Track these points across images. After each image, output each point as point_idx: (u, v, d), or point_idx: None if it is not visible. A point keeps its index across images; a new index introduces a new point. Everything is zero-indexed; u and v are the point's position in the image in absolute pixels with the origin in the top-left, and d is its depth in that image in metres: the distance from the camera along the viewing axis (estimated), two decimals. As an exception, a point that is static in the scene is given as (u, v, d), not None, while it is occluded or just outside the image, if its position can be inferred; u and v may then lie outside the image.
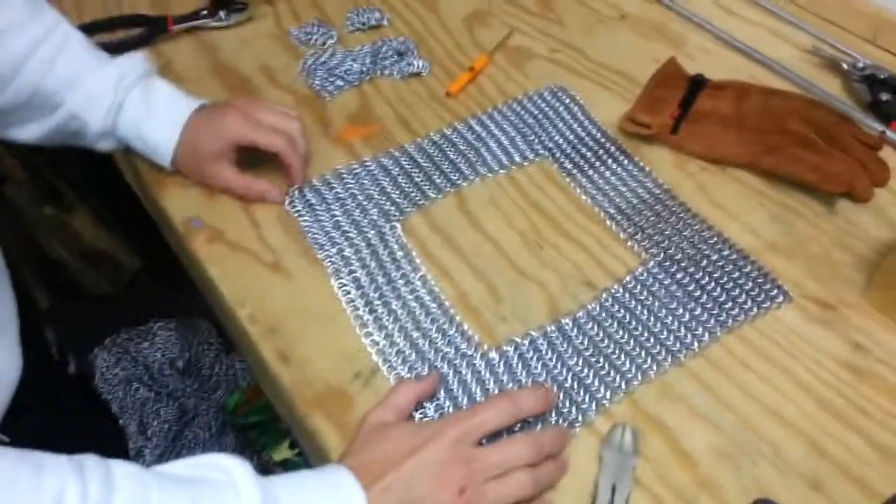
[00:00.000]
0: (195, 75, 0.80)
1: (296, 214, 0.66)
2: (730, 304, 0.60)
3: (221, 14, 0.86)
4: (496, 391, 0.55)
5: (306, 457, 1.00)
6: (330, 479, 0.45)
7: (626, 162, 0.72)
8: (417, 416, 0.53)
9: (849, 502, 0.50)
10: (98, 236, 1.41)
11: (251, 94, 0.78)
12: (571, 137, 0.74)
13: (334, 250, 0.63)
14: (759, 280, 0.62)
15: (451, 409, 0.53)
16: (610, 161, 0.72)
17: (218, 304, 0.64)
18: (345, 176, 0.69)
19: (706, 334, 0.58)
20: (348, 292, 0.60)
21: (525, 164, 0.72)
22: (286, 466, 0.99)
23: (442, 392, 0.54)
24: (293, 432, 0.61)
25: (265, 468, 1.07)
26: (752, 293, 0.61)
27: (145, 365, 1.37)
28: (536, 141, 0.74)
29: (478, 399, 0.54)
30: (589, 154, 0.72)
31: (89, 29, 0.84)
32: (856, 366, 0.57)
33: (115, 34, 0.84)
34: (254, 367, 0.64)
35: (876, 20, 0.84)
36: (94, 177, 1.24)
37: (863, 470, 0.51)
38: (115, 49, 0.77)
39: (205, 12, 0.86)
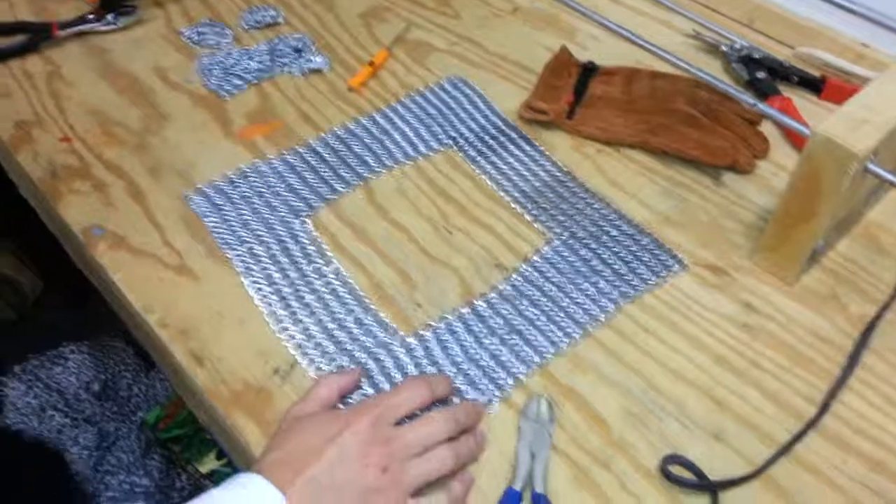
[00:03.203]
0: (85, 79, 0.77)
1: (200, 215, 0.65)
2: (630, 275, 0.63)
3: (109, 17, 0.84)
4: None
5: (234, 466, 0.98)
6: (242, 490, 0.44)
7: (526, 147, 0.74)
8: (339, 407, 0.53)
9: (749, 449, 0.53)
10: (-3, 260, 1.34)
11: (146, 97, 0.76)
12: (474, 126, 0.76)
13: (244, 248, 0.63)
14: (656, 251, 0.65)
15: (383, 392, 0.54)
16: (512, 147, 0.74)
17: (126, 312, 0.63)
18: (249, 174, 0.69)
19: (611, 305, 0.61)
20: (261, 289, 0.60)
21: (430, 153, 0.73)
22: (214, 477, 0.97)
23: (364, 381, 0.55)
24: (215, 436, 0.60)
25: (193, 481, 1.04)
26: (650, 264, 0.64)
27: (59, 391, 1.30)
28: (440, 131, 0.75)
29: (398, 384, 0.55)
30: (491, 141, 0.74)
31: (-34, 36, 0.80)
32: (748, 324, 0.61)
33: (-5, 41, 0.80)
34: (169, 373, 0.63)
35: (751, 6, 0.90)
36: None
37: (760, 419, 0.55)
38: (-3, 56, 0.74)
39: (91, 16, 0.84)
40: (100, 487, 1.13)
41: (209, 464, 0.99)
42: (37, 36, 0.81)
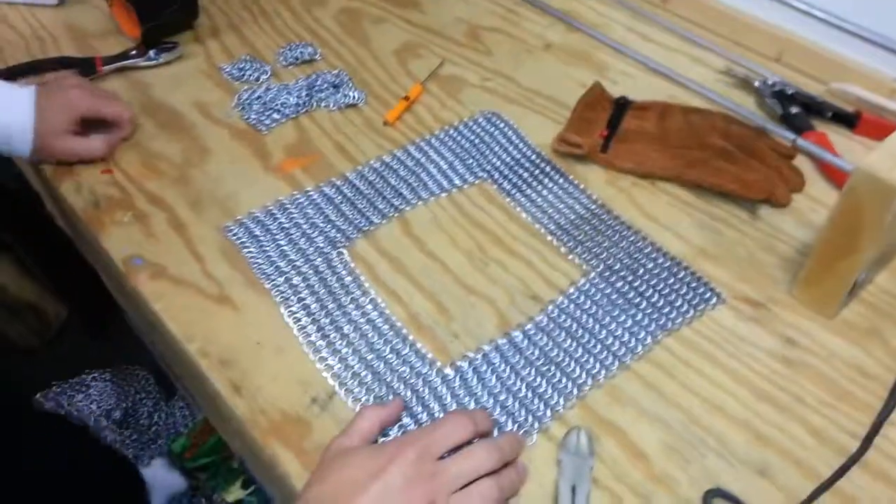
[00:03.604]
0: (128, 114, 0.79)
1: (240, 246, 0.66)
2: (668, 308, 0.63)
3: (151, 53, 0.86)
4: (454, 406, 0.55)
5: (265, 495, 0.98)
6: None
7: (561, 181, 0.75)
8: (381, 440, 0.53)
9: (793, 484, 0.52)
10: (22, 286, 1.36)
11: (187, 131, 0.78)
12: (508, 159, 0.77)
13: (282, 279, 0.63)
14: (693, 284, 0.65)
15: (413, 429, 0.54)
16: (546, 180, 0.74)
17: (165, 342, 0.63)
18: (287, 206, 0.70)
19: (648, 338, 0.61)
20: (299, 320, 0.60)
21: (465, 186, 0.74)
22: (240, 506, 0.97)
23: (403, 412, 0.55)
24: (248, 466, 0.60)
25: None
26: (688, 297, 0.64)
27: (80, 419, 1.31)
28: (475, 164, 0.76)
29: (437, 416, 0.55)
30: (526, 174, 0.75)
31: (14, 72, 0.83)
32: (788, 358, 0.60)
33: (43, 78, 0.83)
34: (204, 402, 0.63)
35: (781, 42, 0.90)
36: (16, 223, 1.20)
37: (803, 454, 0.54)
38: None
39: (134, 52, 0.86)
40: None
41: (235, 493, 0.99)
42: (81, 71, 0.83)
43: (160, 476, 1.13)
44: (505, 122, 0.81)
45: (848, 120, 0.82)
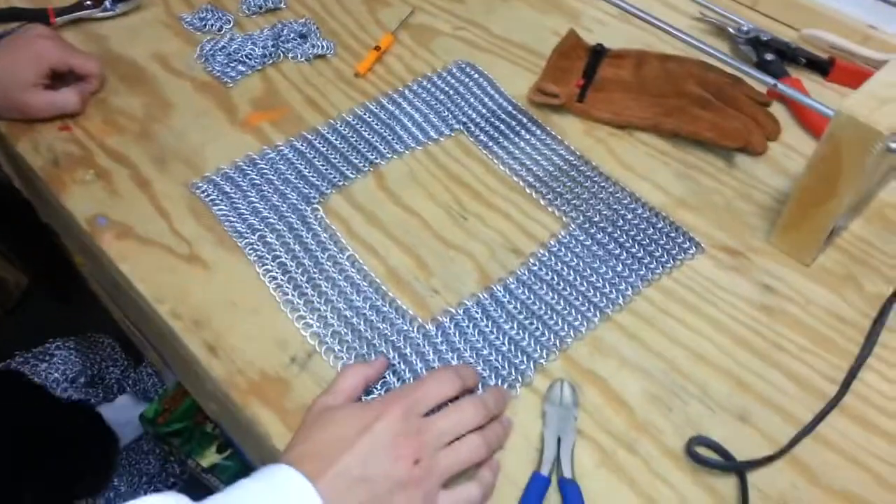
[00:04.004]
0: (84, 67, 0.75)
1: (209, 203, 0.64)
2: (648, 258, 0.63)
3: (107, 3, 0.82)
4: (437, 363, 0.55)
5: (242, 458, 0.97)
6: (272, 480, 0.43)
7: (538, 132, 0.73)
8: (365, 399, 0.52)
9: (773, 429, 0.53)
10: (-21, 256, 1.31)
11: (148, 85, 0.75)
12: (484, 111, 0.75)
13: (255, 237, 0.61)
14: (672, 234, 0.65)
15: (396, 386, 0.53)
16: (523, 132, 0.73)
17: (134, 304, 0.61)
18: (258, 162, 0.67)
19: (629, 288, 0.60)
20: (275, 278, 0.59)
21: (441, 138, 0.72)
22: (215, 471, 0.95)
23: (386, 370, 0.54)
24: (225, 429, 0.59)
25: (193, 475, 1.03)
26: (667, 247, 0.64)
27: (44, 386, 1.29)
28: (450, 116, 0.74)
29: (420, 373, 0.54)
30: (502, 126, 0.73)
31: (-40, 24, 0.78)
32: (767, 305, 0.61)
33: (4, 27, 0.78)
34: (177, 365, 0.62)
35: (753, -13, 0.89)
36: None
37: (783, 399, 0.55)
38: (-8, 43, 0.71)
39: (89, 2, 0.82)
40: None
41: (210, 457, 0.97)
42: (33, 23, 0.79)
43: (127, 410, 1.10)
44: (479, 73, 0.79)
45: (821, 67, 0.81)
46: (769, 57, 0.81)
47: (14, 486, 0.78)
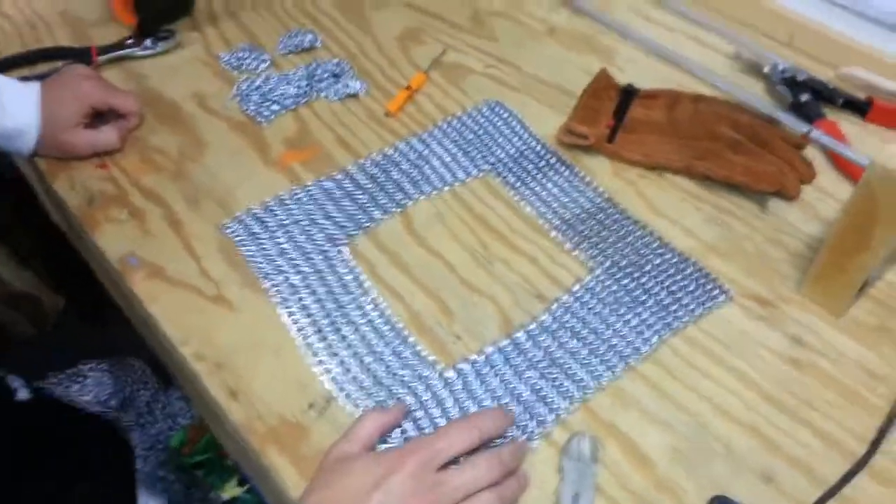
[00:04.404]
0: (124, 106, 0.78)
1: (238, 244, 0.65)
2: (675, 306, 0.62)
3: (147, 42, 0.84)
4: (456, 410, 0.54)
5: (257, 493, 0.97)
6: None
7: (566, 173, 0.73)
8: (382, 447, 0.52)
9: (799, 491, 0.51)
10: (18, 276, 1.35)
11: (184, 123, 0.77)
12: (512, 151, 0.75)
13: (280, 278, 0.62)
14: (701, 281, 0.64)
15: (413, 434, 0.53)
16: (551, 173, 0.73)
17: (160, 344, 0.62)
18: (287, 202, 0.68)
19: (655, 337, 0.59)
20: (297, 321, 0.59)
21: (468, 179, 0.72)
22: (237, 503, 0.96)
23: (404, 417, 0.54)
24: (244, 469, 0.59)
25: (208, 504, 1.04)
26: (695, 294, 0.63)
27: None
28: (479, 156, 0.74)
29: (438, 420, 0.54)
30: (530, 167, 0.73)
31: (8, 64, 0.81)
32: (796, 358, 0.59)
33: (36, 68, 0.81)
34: (199, 405, 0.62)
35: (791, 24, 0.88)
36: (11, 214, 1.19)
37: (810, 459, 0.53)
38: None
39: (130, 41, 0.84)
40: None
41: (231, 490, 0.98)
42: (76, 61, 0.81)
43: None
44: (509, 112, 0.79)
45: (860, 107, 0.79)
46: (805, 98, 0.79)
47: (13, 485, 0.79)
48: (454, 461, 0.49)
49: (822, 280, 0.62)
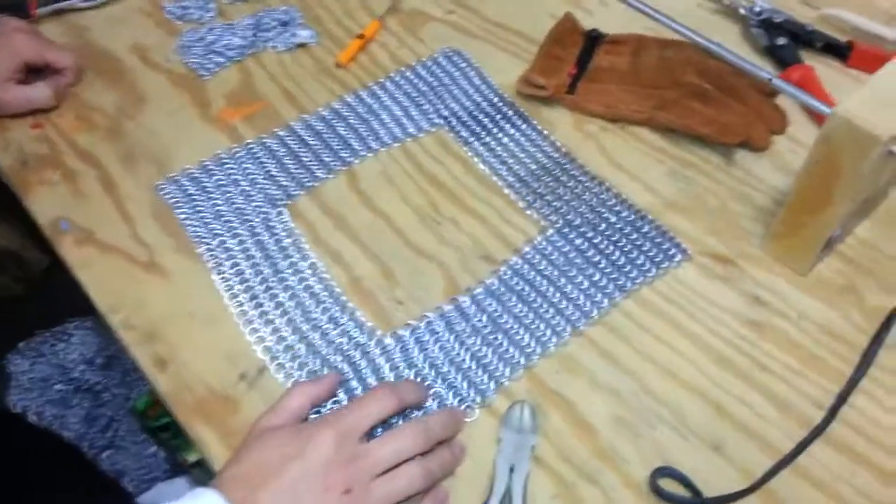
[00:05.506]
0: (61, 61, 0.74)
1: (172, 206, 0.62)
2: (628, 266, 0.59)
3: (90, -9, 0.80)
4: (392, 379, 0.52)
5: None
6: None
7: (523, 126, 0.69)
8: (312, 417, 0.50)
9: (749, 460, 0.49)
10: (3, 235, 1.33)
11: (123, 78, 0.73)
12: (468, 104, 0.71)
13: (215, 242, 0.59)
14: (657, 239, 0.60)
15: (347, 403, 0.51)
16: (508, 126, 0.69)
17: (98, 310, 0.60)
18: (226, 161, 0.65)
19: (605, 300, 0.57)
20: (231, 287, 0.57)
21: (420, 134, 0.69)
22: (202, 466, 0.95)
23: (338, 388, 0.51)
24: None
25: (182, 470, 1.03)
26: (651, 254, 0.60)
27: (62, 366, 1.31)
28: (431, 110, 0.71)
29: (373, 390, 0.52)
30: (486, 120, 0.70)
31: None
32: (756, 320, 0.56)
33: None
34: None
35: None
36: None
37: (762, 426, 0.51)
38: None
39: (71, -9, 0.80)
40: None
41: (197, 453, 0.97)
42: (13, 14, 0.77)
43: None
44: (466, 61, 0.75)
45: (840, 51, 0.75)
46: (781, 41, 0.75)
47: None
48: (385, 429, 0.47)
49: (785, 237, 0.58)
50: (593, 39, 0.74)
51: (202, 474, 0.97)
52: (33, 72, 0.70)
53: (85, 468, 0.93)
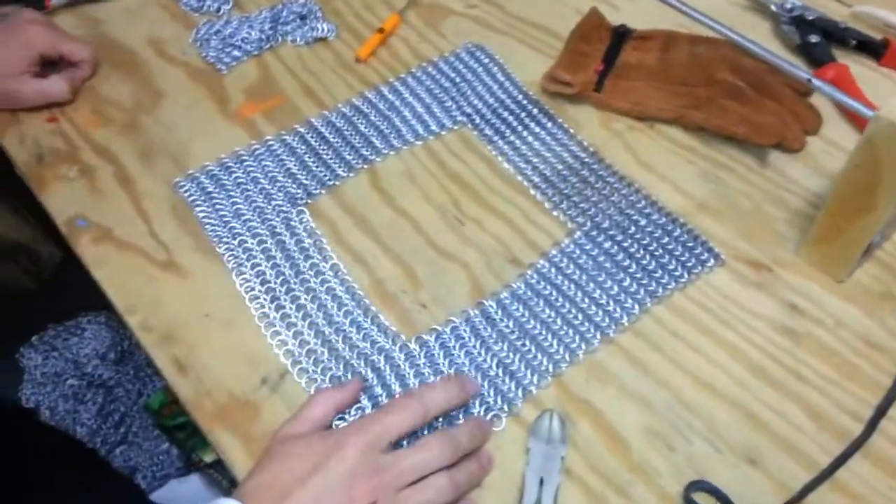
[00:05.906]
0: (76, 53, 0.72)
1: (191, 204, 0.60)
2: (659, 271, 0.57)
3: (105, -17, 0.78)
4: (417, 386, 0.51)
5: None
6: None
7: (549, 124, 0.67)
8: (336, 424, 0.48)
9: (786, 474, 0.48)
10: (14, 227, 1.32)
11: (140, 71, 0.72)
12: (491, 101, 0.69)
13: (235, 242, 0.58)
14: (690, 244, 0.59)
15: (371, 410, 0.49)
16: (533, 124, 0.67)
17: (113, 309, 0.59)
18: (245, 158, 0.64)
19: (635, 306, 0.55)
20: (252, 289, 0.55)
21: (442, 132, 0.67)
22: (217, 467, 0.94)
23: (361, 393, 0.50)
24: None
25: (198, 470, 1.02)
26: (682, 258, 0.58)
27: (75, 361, 1.30)
28: (454, 107, 0.69)
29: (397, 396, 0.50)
30: (510, 118, 0.68)
31: (-47, 7, 0.75)
32: (791, 328, 0.55)
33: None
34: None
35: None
36: (4, 165, 1.16)
37: (799, 439, 0.49)
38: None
39: (86, -18, 0.78)
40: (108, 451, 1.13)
41: (213, 454, 0.96)
42: (27, 5, 0.76)
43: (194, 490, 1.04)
44: (490, 57, 0.73)
45: (874, 49, 0.73)
46: (814, 39, 0.72)
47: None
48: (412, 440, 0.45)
49: (823, 242, 0.57)
50: (620, 35, 0.73)
51: (218, 474, 0.96)
52: (48, 65, 0.68)
53: (98, 465, 0.92)
